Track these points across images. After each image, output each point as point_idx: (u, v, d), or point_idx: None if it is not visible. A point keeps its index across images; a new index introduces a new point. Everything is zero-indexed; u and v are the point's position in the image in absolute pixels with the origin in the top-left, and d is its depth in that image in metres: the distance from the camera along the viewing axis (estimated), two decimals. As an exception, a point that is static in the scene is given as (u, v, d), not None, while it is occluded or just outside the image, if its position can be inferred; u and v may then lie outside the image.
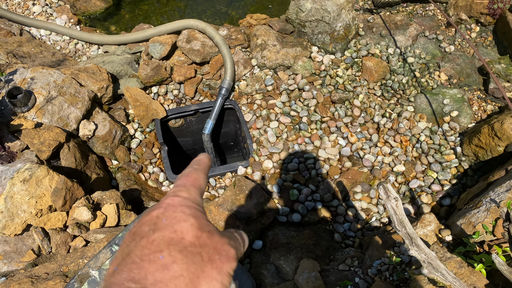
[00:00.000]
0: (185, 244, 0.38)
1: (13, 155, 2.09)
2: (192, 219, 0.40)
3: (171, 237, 0.38)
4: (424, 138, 2.55)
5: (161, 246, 0.37)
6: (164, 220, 0.39)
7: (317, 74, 2.86)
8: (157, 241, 0.38)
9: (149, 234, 0.38)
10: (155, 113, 2.64)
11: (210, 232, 0.40)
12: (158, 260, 0.36)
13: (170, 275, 0.35)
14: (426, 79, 2.88)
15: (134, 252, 0.37)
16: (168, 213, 0.40)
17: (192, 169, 0.48)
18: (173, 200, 0.42)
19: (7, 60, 2.60)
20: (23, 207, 1.84)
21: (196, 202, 0.43)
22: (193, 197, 0.44)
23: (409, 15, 3.33)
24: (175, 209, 0.41)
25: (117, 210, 1.98)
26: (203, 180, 0.48)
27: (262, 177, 2.46)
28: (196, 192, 0.45)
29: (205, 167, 0.49)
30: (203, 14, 3.88)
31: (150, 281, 0.35)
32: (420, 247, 1.27)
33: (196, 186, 0.46)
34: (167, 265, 0.36)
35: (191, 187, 0.45)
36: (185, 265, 0.36)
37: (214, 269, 0.38)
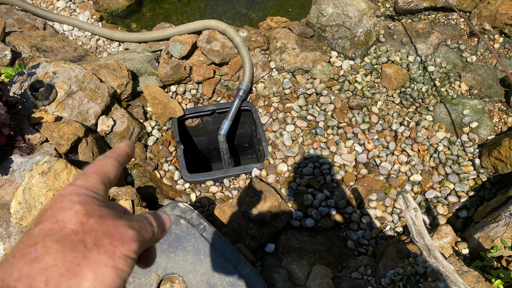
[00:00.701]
0: (64, 233, 0.36)
1: (32, 147, 2.12)
2: (78, 206, 0.38)
3: (50, 227, 0.36)
4: (442, 148, 2.52)
5: (37, 239, 0.35)
6: (49, 212, 0.38)
7: (336, 79, 2.84)
8: (35, 234, 0.36)
9: (30, 228, 0.37)
10: (172, 111, 2.66)
11: (100, 217, 0.38)
12: (29, 254, 0.34)
13: (40, 267, 0.33)
14: (446, 88, 2.84)
15: (11, 251, 0.35)
16: (55, 203, 0.39)
17: (102, 156, 0.47)
18: (65, 189, 0.40)
19: (30, 54, 2.64)
20: (40, 199, 1.87)
21: (91, 188, 0.41)
22: (90, 183, 0.42)
23: (431, 23, 3.29)
24: (63, 199, 0.39)
25: (132, 207, 2.00)
26: (111, 166, 0.45)
27: (276, 180, 2.45)
28: (95, 179, 0.43)
29: (119, 153, 0.47)
30: (223, 15, 3.89)
31: (15, 276, 0.33)
32: (438, 259, 1.25)
33: (98, 173, 0.44)
34: (38, 257, 0.34)
35: (91, 174, 0.43)
36: (60, 255, 0.34)
37: (103, 254, 0.36)
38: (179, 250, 1.72)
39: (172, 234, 1.74)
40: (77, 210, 0.38)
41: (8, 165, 2.04)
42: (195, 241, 1.74)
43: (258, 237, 2.05)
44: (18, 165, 2.05)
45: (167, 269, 1.69)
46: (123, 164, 0.47)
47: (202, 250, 1.72)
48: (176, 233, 1.75)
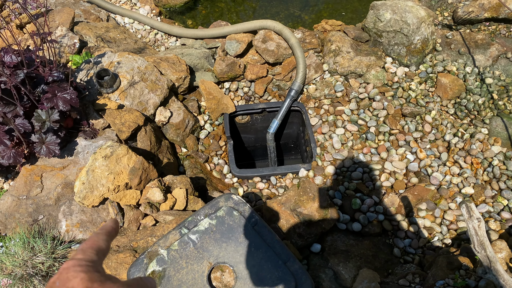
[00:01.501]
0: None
1: (95, 132, 2.24)
2: (82, 274, 0.47)
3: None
4: (497, 162, 2.45)
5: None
6: (57, 283, 0.46)
7: (390, 85, 2.82)
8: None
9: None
10: (225, 107, 2.72)
11: (101, 281, 0.47)
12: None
13: None
14: (504, 102, 2.76)
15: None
16: (61, 276, 0.47)
17: (94, 233, 0.57)
18: (67, 263, 0.49)
19: (96, 43, 2.78)
20: (102, 181, 1.97)
21: (89, 260, 0.50)
22: (88, 256, 0.51)
23: (491, 34, 3.20)
24: (68, 271, 0.48)
25: (186, 195, 2.07)
26: (103, 241, 0.55)
27: (323, 182, 2.46)
28: (92, 252, 0.52)
29: (108, 230, 0.58)
30: (277, 16, 3.93)
31: None
32: (499, 272, 1.24)
33: (93, 247, 0.53)
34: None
35: (87, 249, 0.52)
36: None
37: None
38: (231, 240, 1.77)
39: (225, 224, 1.80)
40: (82, 277, 0.46)
41: (73, 147, 2.17)
42: (246, 233, 1.79)
43: (305, 236, 2.08)
44: (82, 147, 2.17)
45: (218, 258, 1.75)
46: (112, 237, 0.59)
47: (253, 243, 1.77)
48: (229, 224, 1.80)
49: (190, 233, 1.77)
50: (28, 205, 1.99)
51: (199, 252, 1.73)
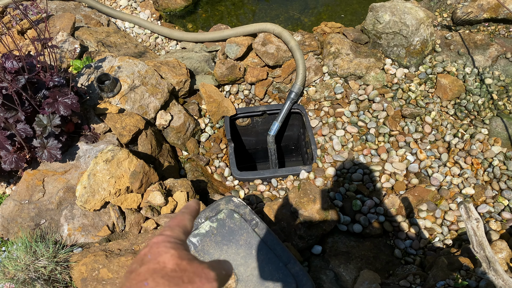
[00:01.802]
0: (166, 271, 0.46)
1: (97, 136, 2.25)
2: (173, 251, 0.48)
3: (154, 267, 0.46)
4: (497, 163, 2.46)
5: (146, 275, 0.45)
6: (149, 256, 0.48)
7: (389, 86, 2.83)
8: (143, 272, 0.46)
9: (137, 268, 0.47)
10: (225, 110, 2.74)
11: (189, 260, 0.48)
12: (143, 286, 0.44)
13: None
14: (504, 102, 2.77)
15: (125, 285, 0.45)
16: (152, 249, 0.49)
17: (180, 212, 0.58)
18: (157, 238, 0.51)
19: (96, 48, 2.80)
20: (103, 185, 1.98)
21: (177, 238, 0.52)
22: (176, 234, 0.53)
23: (490, 35, 3.21)
24: (158, 246, 0.49)
25: (187, 198, 2.08)
26: (188, 221, 0.57)
27: (324, 184, 2.47)
28: (179, 231, 0.54)
29: (192, 210, 0.59)
30: (276, 19, 3.95)
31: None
32: (499, 272, 1.24)
33: (180, 225, 0.55)
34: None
35: (175, 227, 0.54)
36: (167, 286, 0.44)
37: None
38: (232, 243, 1.78)
39: (226, 227, 1.81)
40: (172, 254, 0.48)
41: (74, 151, 2.18)
42: (247, 235, 1.79)
43: (306, 238, 2.08)
44: (83, 152, 2.18)
45: (219, 261, 1.75)
46: (195, 218, 0.60)
47: (254, 245, 1.77)
48: (229, 226, 1.81)
49: (191, 236, 1.78)
50: (30, 209, 2.01)
51: (200, 255, 1.74)
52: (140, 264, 0.48)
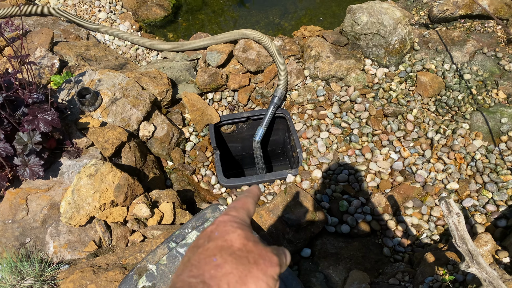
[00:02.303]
0: (233, 249, 0.46)
1: (79, 151, 2.23)
2: (239, 231, 0.49)
3: (222, 244, 0.47)
4: (480, 156, 2.49)
5: (214, 251, 0.46)
6: (216, 233, 0.49)
7: (370, 86, 2.86)
8: (211, 248, 0.46)
9: (204, 244, 0.48)
10: (209, 118, 2.74)
11: (255, 241, 0.49)
12: (212, 262, 0.45)
13: (223, 273, 0.43)
14: (483, 96, 2.81)
15: (193, 258, 0.46)
16: (219, 227, 0.50)
17: (243, 195, 0.59)
18: (223, 217, 0.52)
19: (76, 62, 2.78)
20: (88, 200, 1.96)
21: (242, 220, 0.53)
22: (241, 215, 0.53)
23: (467, 31, 3.27)
24: (225, 224, 0.51)
25: (173, 209, 2.07)
26: (251, 204, 0.57)
27: (310, 186, 2.48)
28: (243, 213, 0.54)
29: (254, 195, 0.60)
30: (257, 25, 3.97)
31: (207, 276, 0.43)
32: (482, 265, 1.26)
33: (244, 208, 0.55)
34: (220, 265, 0.44)
35: (240, 209, 0.55)
36: (235, 265, 0.44)
37: (260, 270, 0.46)
38: (220, 251, 1.78)
39: (213, 235, 1.80)
40: (239, 234, 0.49)
41: (57, 167, 2.16)
42: (235, 243, 1.79)
43: (294, 242, 2.09)
44: (66, 167, 2.16)
45: (208, 270, 1.75)
46: (256, 202, 0.61)
47: (242, 252, 1.77)
48: (217, 235, 1.80)
49: (178, 246, 1.77)
50: (14, 229, 1.98)
51: (188, 265, 1.73)
52: (208, 240, 0.48)
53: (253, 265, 0.45)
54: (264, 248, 0.49)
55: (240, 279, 0.43)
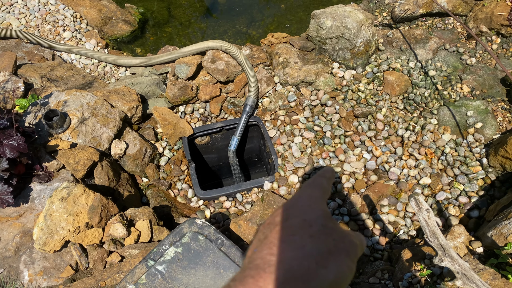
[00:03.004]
0: (314, 230, 0.44)
1: (50, 175, 2.18)
2: (318, 211, 0.46)
3: (301, 224, 0.44)
4: (449, 150, 2.56)
5: (294, 231, 0.44)
6: (294, 212, 0.46)
7: (339, 89, 2.90)
8: (290, 227, 0.44)
9: (282, 222, 0.45)
10: (182, 131, 2.72)
11: (334, 222, 0.47)
12: (292, 241, 0.43)
13: (303, 253, 0.41)
14: (448, 91, 2.89)
15: (271, 236, 0.44)
16: (297, 205, 0.48)
17: (318, 176, 0.56)
18: (300, 196, 0.49)
19: (41, 84, 2.73)
20: (61, 224, 1.92)
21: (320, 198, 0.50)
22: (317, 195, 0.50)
23: (429, 29, 3.36)
24: (303, 203, 0.48)
25: (150, 226, 2.05)
26: (327, 184, 0.54)
27: (288, 192, 2.49)
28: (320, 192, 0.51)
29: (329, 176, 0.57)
30: (225, 35, 3.99)
31: (288, 255, 0.41)
32: (454, 258, 1.29)
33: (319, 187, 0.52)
34: (300, 245, 0.42)
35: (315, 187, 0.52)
36: (315, 247, 0.42)
37: (341, 253, 0.44)
38: (199, 265, 1.76)
39: (191, 250, 1.79)
40: (319, 214, 0.46)
41: (28, 193, 2.11)
42: (214, 256, 1.78)
43: (274, 249, 2.09)
44: (37, 192, 2.12)
45: (188, 285, 1.73)
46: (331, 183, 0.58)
47: (222, 264, 1.76)
48: (195, 249, 1.79)
49: (156, 264, 1.75)
50: (-15, 260, 1.92)
51: (168, 282, 1.71)
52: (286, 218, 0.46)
53: (334, 247, 0.43)
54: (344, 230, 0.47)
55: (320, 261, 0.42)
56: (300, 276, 0.40)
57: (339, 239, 0.45)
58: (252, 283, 0.40)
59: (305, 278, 0.41)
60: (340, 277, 0.42)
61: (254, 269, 0.41)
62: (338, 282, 0.42)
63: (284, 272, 0.40)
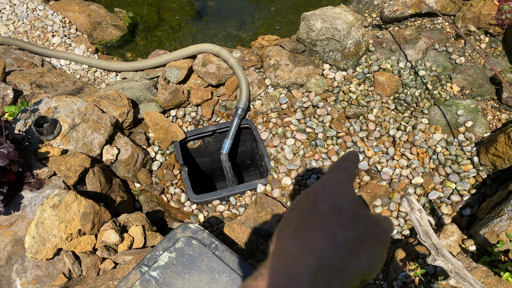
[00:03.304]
0: (344, 218, 0.43)
1: (41, 182, 2.16)
2: (348, 197, 0.45)
3: (331, 212, 0.43)
4: (441, 149, 2.58)
5: (323, 218, 0.42)
6: (322, 198, 0.45)
7: (330, 90, 2.91)
8: (319, 215, 0.43)
9: (311, 209, 0.44)
10: (174, 135, 2.71)
11: (364, 209, 0.46)
12: (322, 230, 0.41)
13: (335, 243, 0.40)
14: (438, 91, 2.92)
15: (300, 223, 0.43)
16: (325, 191, 0.46)
17: (342, 160, 0.54)
18: (328, 181, 0.48)
19: (31, 91, 2.71)
20: (53, 232, 1.90)
21: (348, 183, 0.49)
22: (346, 179, 0.49)
23: (418, 29, 3.39)
24: (332, 189, 0.46)
25: (143, 232, 2.03)
26: (353, 167, 0.53)
27: (281, 194, 2.49)
28: (347, 176, 0.50)
29: (355, 158, 0.55)
30: (215, 38, 3.98)
31: (319, 245, 0.40)
32: (447, 257, 1.29)
33: (346, 171, 0.51)
34: (331, 234, 0.41)
35: (342, 172, 0.50)
36: (347, 235, 0.41)
37: (372, 241, 0.43)
38: (194, 270, 1.75)
39: (185, 255, 1.78)
40: (348, 201, 0.45)
41: (19, 201, 2.09)
42: (208, 260, 1.78)
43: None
44: (28, 200, 2.09)
45: (183, 290, 1.72)
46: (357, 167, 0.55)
47: (216, 269, 1.76)
48: (189, 254, 1.78)
49: (150, 270, 1.74)
50: (-24, 270, 1.89)
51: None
52: (313, 205, 0.45)
53: (364, 235, 0.42)
54: (374, 216, 0.46)
55: (351, 251, 0.41)
56: (332, 266, 0.40)
57: (370, 226, 0.44)
58: (284, 270, 0.39)
59: (337, 268, 0.40)
60: (371, 266, 0.41)
61: (285, 257, 0.41)
62: (370, 271, 0.42)
63: (316, 262, 0.39)
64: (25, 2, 3.63)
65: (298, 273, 0.38)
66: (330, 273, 0.39)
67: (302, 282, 0.38)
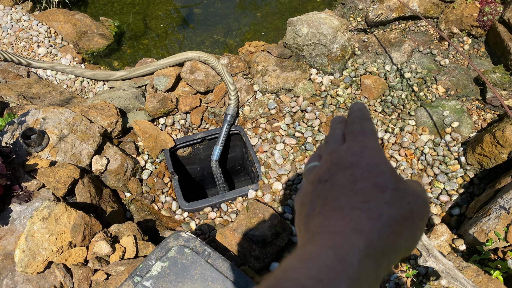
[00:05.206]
0: (388, 196, 0.40)
1: (30, 195, 2.14)
2: (388, 172, 0.42)
3: (373, 189, 0.40)
4: (428, 150, 2.61)
5: (367, 197, 0.40)
6: (362, 173, 0.42)
7: (318, 95, 2.94)
8: (361, 193, 0.40)
9: (351, 185, 0.41)
10: (164, 143, 2.71)
11: (403, 182, 0.43)
12: (367, 210, 0.39)
13: (382, 224, 0.39)
14: (424, 92, 2.96)
15: (340, 200, 0.41)
16: (362, 164, 0.43)
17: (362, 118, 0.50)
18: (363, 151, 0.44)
19: (18, 102, 2.68)
20: (44, 244, 1.88)
21: (381, 152, 0.45)
22: (377, 146, 0.46)
23: (402, 32, 3.44)
24: (369, 161, 0.43)
25: (135, 242, 2.02)
26: (373, 125, 0.49)
27: (272, 199, 2.50)
28: (377, 141, 0.47)
29: (369, 115, 0.51)
30: (202, 45, 3.99)
31: (366, 227, 0.38)
32: (438, 258, 1.31)
33: (374, 135, 0.48)
34: (377, 214, 0.39)
35: (372, 136, 0.47)
36: (393, 215, 0.39)
37: (415, 218, 0.41)
38: (187, 279, 1.75)
39: (178, 264, 1.77)
40: (389, 176, 0.42)
41: (7, 214, 2.06)
42: (201, 268, 1.77)
43: (262, 258, 2.09)
44: (17, 213, 2.07)
45: (177, 300, 1.71)
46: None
47: (209, 277, 1.75)
48: (182, 262, 1.77)
49: (143, 280, 1.73)
50: (-35, 286, 1.86)
51: (155, 298, 1.69)
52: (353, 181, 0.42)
53: (408, 213, 0.40)
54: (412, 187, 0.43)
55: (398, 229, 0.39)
56: (380, 248, 0.38)
57: (413, 201, 0.41)
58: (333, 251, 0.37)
59: (385, 249, 0.39)
60: (414, 243, 0.41)
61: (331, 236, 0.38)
62: (411, 248, 0.41)
63: (365, 244, 0.37)
64: (9, 13, 3.60)
65: (348, 255, 0.37)
66: (378, 255, 0.38)
67: (351, 264, 0.36)
